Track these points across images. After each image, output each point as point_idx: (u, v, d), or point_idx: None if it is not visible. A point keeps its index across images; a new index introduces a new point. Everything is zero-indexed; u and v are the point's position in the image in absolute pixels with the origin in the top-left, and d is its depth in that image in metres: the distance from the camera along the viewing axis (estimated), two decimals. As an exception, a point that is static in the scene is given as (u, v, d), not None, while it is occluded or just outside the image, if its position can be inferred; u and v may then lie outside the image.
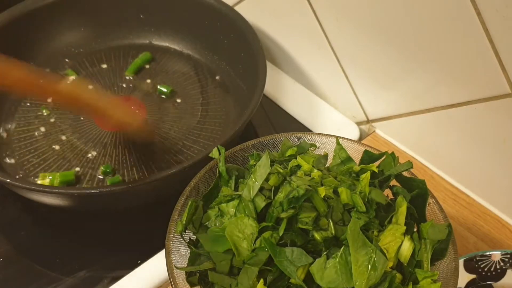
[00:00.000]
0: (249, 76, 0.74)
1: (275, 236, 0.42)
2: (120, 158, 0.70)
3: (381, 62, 0.68)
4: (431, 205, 0.48)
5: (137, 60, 0.83)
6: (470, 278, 0.54)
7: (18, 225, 0.66)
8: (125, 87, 0.80)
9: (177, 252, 0.47)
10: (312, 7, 0.72)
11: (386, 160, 0.50)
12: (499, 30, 0.53)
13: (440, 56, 0.60)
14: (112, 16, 0.85)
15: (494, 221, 0.65)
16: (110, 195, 0.59)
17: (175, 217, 0.48)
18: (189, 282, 0.45)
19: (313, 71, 0.80)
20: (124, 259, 0.63)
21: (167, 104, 0.78)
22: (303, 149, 0.52)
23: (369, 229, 0.44)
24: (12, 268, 0.62)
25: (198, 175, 0.51)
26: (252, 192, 0.44)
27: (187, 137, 0.73)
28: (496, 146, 0.61)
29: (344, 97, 0.77)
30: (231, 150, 0.52)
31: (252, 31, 0.76)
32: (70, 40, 0.84)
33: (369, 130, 0.77)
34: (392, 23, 0.63)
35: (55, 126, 0.74)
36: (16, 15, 0.78)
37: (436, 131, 0.67)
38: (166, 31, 0.86)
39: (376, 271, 0.41)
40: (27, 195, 0.62)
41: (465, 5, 0.53)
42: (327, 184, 0.45)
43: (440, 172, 0.70)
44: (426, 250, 0.45)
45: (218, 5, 0.80)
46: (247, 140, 0.54)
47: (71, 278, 0.61)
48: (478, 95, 0.59)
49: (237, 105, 0.77)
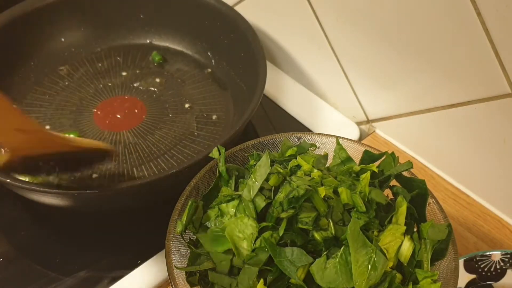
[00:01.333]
0: (249, 76, 0.74)
1: (275, 236, 0.42)
2: (120, 158, 0.70)
3: (381, 62, 0.68)
4: (431, 205, 0.48)
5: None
6: (470, 278, 0.54)
7: (18, 225, 0.66)
8: (125, 87, 0.80)
9: (177, 252, 0.47)
10: (312, 8, 0.72)
11: (386, 160, 0.50)
12: (499, 30, 0.53)
13: (440, 56, 0.60)
14: (112, 16, 0.85)
15: (494, 221, 0.65)
16: (110, 195, 0.59)
17: (175, 217, 0.48)
18: (189, 282, 0.45)
19: (313, 71, 0.80)
20: (124, 259, 0.63)
21: (167, 104, 0.78)
22: (303, 149, 0.52)
23: (369, 229, 0.44)
24: (12, 268, 0.62)
25: (198, 175, 0.51)
26: (252, 192, 0.44)
27: (187, 137, 0.73)
28: (496, 146, 0.61)
29: (344, 97, 0.77)
30: (231, 150, 0.52)
31: (252, 31, 0.76)
32: (70, 40, 0.84)
33: (369, 130, 0.77)
34: (392, 23, 0.63)
35: (55, 126, 0.75)
36: (16, 15, 0.78)
37: (436, 131, 0.67)
38: (166, 31, 0.86)
39: (376, 271, 0.41)
40: (27, 195, 0.62)
41: (465, 5, 0.53)
42: (327, 184, 0.45)
43: (440, 172, 0.70)
44: (426, 250, 0.45)
45: (218, 5, 0.80)
46: (247, 140, 0.54)
47: (71, 278, 0.61)
48: (478, 95, 0.59)
49: (237, 105, 0.77)
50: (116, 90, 0.80)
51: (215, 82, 0.81)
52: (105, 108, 0.77)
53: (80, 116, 0.76)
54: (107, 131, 0.74)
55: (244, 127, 0.64)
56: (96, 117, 0.76)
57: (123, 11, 0.85)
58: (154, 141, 0.73)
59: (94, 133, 0.73)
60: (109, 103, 0.78)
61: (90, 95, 0.79)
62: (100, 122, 0.75)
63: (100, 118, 0.75)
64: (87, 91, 0.79)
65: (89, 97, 0.78)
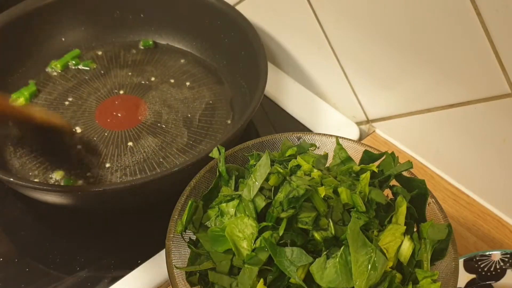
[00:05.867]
0: (249, 75, 0.74)
1: (275, 236, 0.42)
2: (122, 157, 0.71)
3: (381, 62, 0.68)
4: (431, 205, 0.48)
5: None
6: (470, 278, 0.54)
7: (18, 224, 0.66)
8: (126, 86, 0.80)
9: (177, 252, 0.47)
10: (312, 8, 0.72)
11: (386, 160, 0.50)
12: (499, 30, 0.53)
13: (440, 56, 0.60)
14: (112, 15, 0.85)
15: (494, 221, 0.65)
16: (111, 193, 0.59)
17: (175, 217, 0.48)
18: (189, 282, 0.45)
19: (313, 71, 0.80)
20: (124, 259, 0.63)
21: (168, 103, 0.78)
22: (303, 149, 0.52)
23: (369, 229, 0.44)
24: (12, 268, 0.62)
25: (198, 175, 0.51)
26: (252, 192, 0.44)
27: (187, 137, 0.73)
28: (496, 146, 0.61)
29: (344, 97, 0.77)
30: (231, 150, 0.52)
31: (253, 30, 0.76)
32: (70, 40, 0.84)
33: (369, 130, 0.77)
34: (392, 23, 0.63)
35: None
36: (16, 15, 0.78)
37: (436, 131, 0.67)
38: (167, 30, 0.86)
39: (376, 271, 0.41)
40: (30, 194, 0.62)
41: (465, 5, 0.53)
42: (327, 184, 0.45)
43: (440, 172, 0.70)
44: (426, 250, 0.45)
45: (219, 4, 0.80)
46: (247, 140, 0.54)
47: (71, 278, 0.61)
48: (478, 95, 0.59)
49: (237, 105, 0.77)
50: (117, 89, 0.80)
51: (216, 81, 0.81)
52: (106, 107, 0.77)
53: (81, 115, 0.76)
54: (109, 130, 0.74)
55: (244, 127, 0.64)
56: (97, 116, 0.76)
57: (124, 10, 0.85)
58: (155, 140, 0.73)
59: (96, 132, 0.73)
60: (110, 102, 0.78)
61: (91, 94, 0.79)
62: (101, 121, 0.75)
63: (101, 117, 0.76)
64: (88, 90, 0.79)
65: (90, 96, 0.78)
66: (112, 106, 0.77)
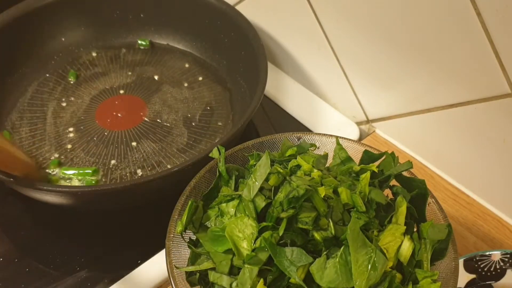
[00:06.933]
0: (249, 75, 0.74)
1: (275, 236, 0.42)
2: (122, 157, 0.71)
3: (381, 62, 0.68)
4: (431, 205, 0.48)
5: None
6: (470, 278, 0.54)
7: (18, 224, 0.66)
8: (126, 86, 0.80)
9: (177, 252, 0.47)
10: (312, 8, 0.72)
11: (386, 160, 0.50)
12: (499, 30, 0.53)
13: (440, 56, 0.60)
14: (112, 15, 0.85)
15: (494, 221, 0.65)
16: (112, 193, 0.59)
17: (175, 217, 0.48)
18: (189, 282, 0.45)
19: (313, 71, 0.80)
20: (124, 259, 0.63)
21: (168, 103, 0.78)
22: (303, 149, 0.52)
23: (369, 229, 0.44)
24: (12, 268, 0.62)
25: (198, 175, 0.51)
26: (252, 192, 0.44)
27: (187, 137, 0.73)
28: (496, 146, 0.61)
29: (344, 97, 0.77)
30: (231, 150, 0.52)
31: (253, 30, 0.76)
32: (70, 40, 0.84)
33: (369, 130, 0.77)
34: (392, 23, 0.63)
35: (56, 125, 0.75)
36: (16, 15, 0.78)
37: (436, 131, 0.67)
38: (167, 30, 0.86)
39: (376, 271, 0.41)
40: (30, 194, 0.62)
41: (465, 5, 0.53)
42: (327, 184, 0.45)
43: (440, 172, 0.70)
44: (426, 250, 0.45)
45: (219, 4, 0.80)
46: (247, 140, 0.54)
47: (71, 278, 0.61)
48: (478, 95, 0.59)
49: (237, 105, 0.77)
50: (117, 89, 0.80)
51: (216, 81, 0.81)
52: (106, 107, 0.77)
53: (81, 115, 0.76)
54: (109, 130, 0.74)
55: (244, 127, 0.65)
56: (97, 116, 0.76)
57: (123, 10, 0.85)
58: (155, 139, 0.73)
59: (96, 132, 0.73)
60: (110, 102, 0.78)
61: (91, 94, 0.79)
62: (101, 121, 0.75)
63: (101, 117, 0.76)
64: (88, 90, 0.79)
65: (90, 96, 0.78)
66: (112, 106, 0.77)
